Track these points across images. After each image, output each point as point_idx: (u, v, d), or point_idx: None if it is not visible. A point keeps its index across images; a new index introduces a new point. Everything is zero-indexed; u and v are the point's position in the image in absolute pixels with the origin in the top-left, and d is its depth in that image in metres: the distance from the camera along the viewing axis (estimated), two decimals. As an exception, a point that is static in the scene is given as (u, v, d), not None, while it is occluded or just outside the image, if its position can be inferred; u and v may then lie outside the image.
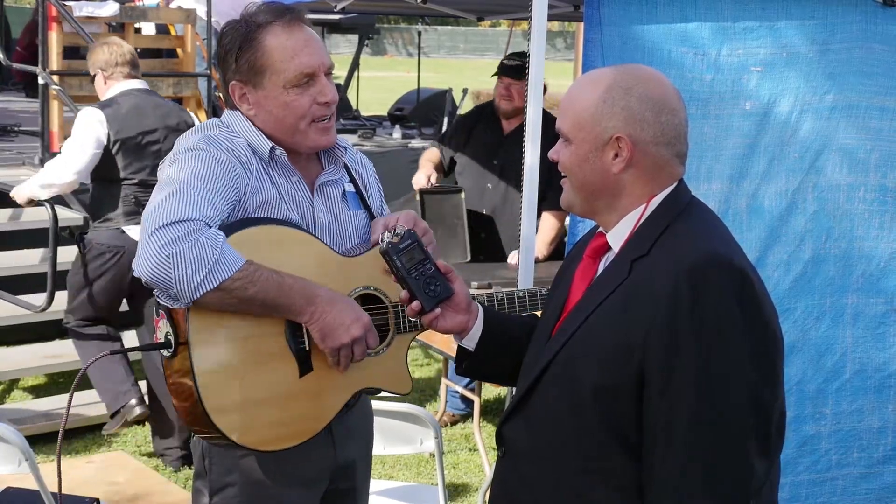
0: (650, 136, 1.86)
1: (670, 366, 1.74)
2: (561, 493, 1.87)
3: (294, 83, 2.21)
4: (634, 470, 1.79)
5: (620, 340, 1.79)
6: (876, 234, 3.56)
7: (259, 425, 2.18)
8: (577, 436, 1.84)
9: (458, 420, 5.45)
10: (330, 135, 2.29)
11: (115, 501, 4.31)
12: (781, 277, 3.48)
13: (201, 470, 2.31)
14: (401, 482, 4.00)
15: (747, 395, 1.74)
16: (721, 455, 1.73)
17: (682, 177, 1.94)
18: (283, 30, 2.21)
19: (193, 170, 2.12)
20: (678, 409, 1.73)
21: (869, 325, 3.58)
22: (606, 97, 1.87)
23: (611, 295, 1.84)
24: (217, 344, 2.13)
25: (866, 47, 3.48)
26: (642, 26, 3.35)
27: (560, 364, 1.88)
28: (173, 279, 2.01)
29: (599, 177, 1.89)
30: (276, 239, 2.20)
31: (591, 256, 1.98)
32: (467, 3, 6.13)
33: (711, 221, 1.92)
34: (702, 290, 1.74)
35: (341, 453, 2.36)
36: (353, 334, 2.16)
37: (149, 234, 2.03)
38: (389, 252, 2.08)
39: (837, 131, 3.49)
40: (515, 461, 1.98)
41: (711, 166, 3.39)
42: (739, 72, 3.42)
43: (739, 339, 1.74)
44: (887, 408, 3.61)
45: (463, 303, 2.14)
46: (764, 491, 1.81)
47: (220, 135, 2.23)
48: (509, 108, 5.05)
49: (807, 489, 3.55)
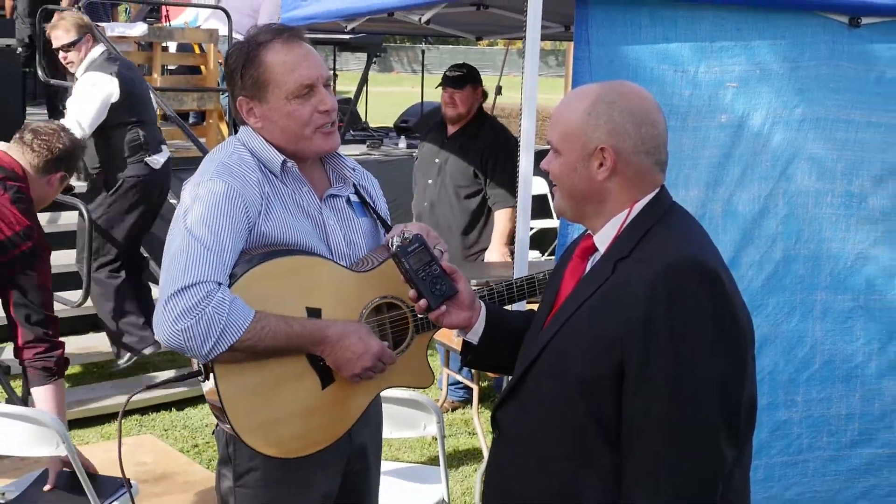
0: (631, 145, 1.87)
1: (646, 359, 1.74)
2: (546, 474, 1.88)
3: (295, 94, 2.20)
4: (613, 456, 1.80)
5: (603, 334, 1.80)
6: (843, 236, 3.56)
7: (287, 439, 2.18)
8: (561, 422, 1.85)
9: (458, 406, 5.46)
10: (333, 139, 2.29)
11: (144, 480, 4.32)
12: (755, 276, 3.49)
13: (225, 456, 2.31)
14: (406, 463, 4.00)
15: (716, 388, 1.74)
16: (691, 443, 1.73)
17: (662, 183, 1.95)
18: (282, 46, 2.21)
19: (205, 220, 2.11)
20: (652, 399, 1.74)
21: (837, 320, 3.58)
22: (591, 111, 1.88)
23: (595, 292, 1.85)
24: (241, 369, 2.12)
25: (833, 65, 3.48)
26: (627, 46, 3.35)
27: (549, 355, 1.89)
28: (186, 348, 2.04)
29: (586, 185, 1.91)
30: (292, 268, 2.18)
31: (580, 256, 2.00)
32: (466, 24, 6.13)
33: (689, 225, 1.93)
34: (676, 290, 1.74)
35: (356, 438, 2.36)
36: (364, 365, 2.17)
37: (164, 301, 2.04)
38: (399, 255, 2.12)
39: (806, 142, 3.49)
40: (507, 443, 1.98)
41: (689, 174, 3.39)
42: (716, 87, 3.42)
43: (710, 336, 1.74)
44: (854, 396, 3.61)
45: (467, 300, 2.16)
46: (735, 474, 1.82)
47: (231, 158, 2.22)
48: (453, 114, 5.14)
49: (780, 470, 3.55)
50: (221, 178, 2.17)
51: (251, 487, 2.27)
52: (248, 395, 2.14)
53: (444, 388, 5.47)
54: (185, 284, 2.03)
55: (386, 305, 2.30)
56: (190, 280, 2.04)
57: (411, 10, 4.74)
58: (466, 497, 4.38)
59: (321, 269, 2.22)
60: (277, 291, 2.15)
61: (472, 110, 5.16)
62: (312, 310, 2.19)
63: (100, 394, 5.32)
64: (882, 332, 3.60)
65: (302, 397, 2.19)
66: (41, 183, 3.51)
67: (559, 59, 33.14)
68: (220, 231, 2.11)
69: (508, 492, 1.96)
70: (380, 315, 2.30)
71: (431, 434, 3.27)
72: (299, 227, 2.23)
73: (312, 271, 2.21)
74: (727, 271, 1.84)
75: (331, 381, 2.21)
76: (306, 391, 2.20)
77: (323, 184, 2.36)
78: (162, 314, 2.05)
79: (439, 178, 5.19)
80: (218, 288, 2.05)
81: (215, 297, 2.03)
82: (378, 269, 2.28)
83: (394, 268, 2.16)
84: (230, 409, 2.12)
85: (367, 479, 2.48)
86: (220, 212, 2.12)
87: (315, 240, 2.25)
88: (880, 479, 3.65)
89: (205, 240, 2.08)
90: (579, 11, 3.33)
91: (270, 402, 2.16)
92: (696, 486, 1.74)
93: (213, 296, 2.03)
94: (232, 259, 2.12)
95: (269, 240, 2.19)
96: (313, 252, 2.23)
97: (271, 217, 2.20)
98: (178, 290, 2.03)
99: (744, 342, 1.80)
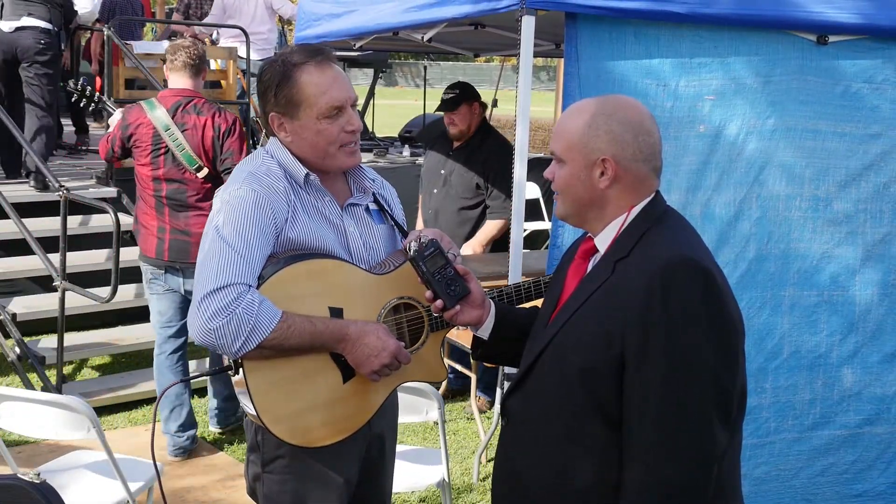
0: (630, 154, 1.87)
1: (644, 351, 1.74)
2: (549, 457, 1.88)
3: (325, 115, 2.20)
4: (611, 440, 1.80)
5: (603, 329, 1.79)
6: (810, 236, 3.56)
7: (311, 428, 2.18)
8: (564, 409, 1.85)
9: (457, 394, 5.44)
10: (356, 156, 2.29)
11: (169, 463, 4.32)
12: (730, 273, 3.48)
13: (254, 444, 2.31)
14: (410, 446, 4.00)
15: (709, 375, 1.74)
16: (687, 426, 1.73)
17: (658, 188, 1.94)
18: (315, 68, 2.20)
19: (235, 225, 2.11)
20: (650, 387, 1.74)
21: (803, 314, 3.58)
22: (592, 122, 1.88)
23: (596, 291, 1.85)
24: (269, 365, 2.12)
25: (802, 79, 3.48)
26: (613, 62, 3.35)
27: (553, 348, 1.89)
28: (218, 346, 2.04)
29: (589, 192, 1.90)
30: (316, 270, 2.18)
31: (582, 257, 2.00)
32: (465, 42, 6.12)
33: (683, 228, 1.92)
34: (671, 286, 1.74)
35: (375, 427, 2.36)
36: (382, 362, 2.16)
37: (198, 301, 2.04)
38: (416, 259, 2.13)
39: (778, 150, 3.49)
40: (515, 429, 1.98)
41: (671, 180, 3.39)
42: (695, 100, 3.42)
43: (702, 327, 1.74)
44: (817, 383, 3.62)
45: (478, 300, 2.16)
46: (727, 459, 1.82)
47: (260, 169, 2.22)
48: (455, 132, 5.15)
49: (750, 451, 3.55)
50: (250, 187, 2.16)
51: (278, 473, 2.27)
52: (275, 389, 2.13)
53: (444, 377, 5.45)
54: (217, 286, 2.03)
55: (403, 306, 2.29)
56: (222, 282, 2.03)
57: (415, 29, 4.73)
58: (465, 477, 4.37)
59: (343, 271, 2.21)
60: (302, 292, 2.14)
61: (473, 126, 5.13)
62: (335, 309, 2.18)
63: (128, 382, 5.32)
64: (843, 325, 3.61)
65: (325, 391, 2.19)
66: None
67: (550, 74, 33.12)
68: (250, 236, 2.10)
69: (515, 475, 1.96)
70: (397, 315, 2.29)
71: (433, 419, 3.27)
72: (322, 234, 2.22)
73: (335, 274, 2.20)
74: (718, 269, 1.84)
75: (352, 375, 2.21)
76: (329, 385, 2.19)
77: (344, 193, 2.35)
78: (196, 314, 2.04)
79: (444, 189, 5.17)
80: (248, 290, 2.05)
81: (245, 299, 2.03)
82: (396, 271, 2.27)
83: (410, 271, 2.17)
84: (258, 401, 2.11)
85: (384, 464, 2.47)
86: (249, 218, 2.12)
87: (337, 245, 2.24)
88: (837, 458, 3.66)
89: (235, 244, 2.08)
90: (569, 30, 3.33)
91: (296, 395, 2.15)
92: (690, 464, 1.73)
93: (243, 297, 2.03)
94: (260, 262, 2.11)
95: (294, 245, 2.19)
96: (336, 256, 2.23)
97: (297, 224, 2.19)
98: (211, 292, 2.03)
99: (735, 333, 1.80)
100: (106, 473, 3.12)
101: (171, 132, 4.32)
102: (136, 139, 4.41)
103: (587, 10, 3.29)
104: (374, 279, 2.25)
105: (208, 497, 4.07)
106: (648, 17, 3.33)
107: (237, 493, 4.08)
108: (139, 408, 5.08)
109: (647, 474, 1.73)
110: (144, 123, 4.38)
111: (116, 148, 4.50)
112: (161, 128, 4.33)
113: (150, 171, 4.39)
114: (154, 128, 4.35)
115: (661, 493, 1.72)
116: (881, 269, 3.62)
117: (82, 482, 3.17)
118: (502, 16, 3.75)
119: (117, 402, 5.09)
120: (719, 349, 1.75)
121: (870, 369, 3.64)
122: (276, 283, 2.10)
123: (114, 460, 3.00)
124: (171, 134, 4.32)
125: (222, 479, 4.23)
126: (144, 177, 4.42)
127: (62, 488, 2.73)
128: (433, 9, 3.96)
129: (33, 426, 3.14)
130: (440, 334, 2.35)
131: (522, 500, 1.93)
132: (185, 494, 4.07)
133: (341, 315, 2.19)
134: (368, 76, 12.76)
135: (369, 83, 11.43)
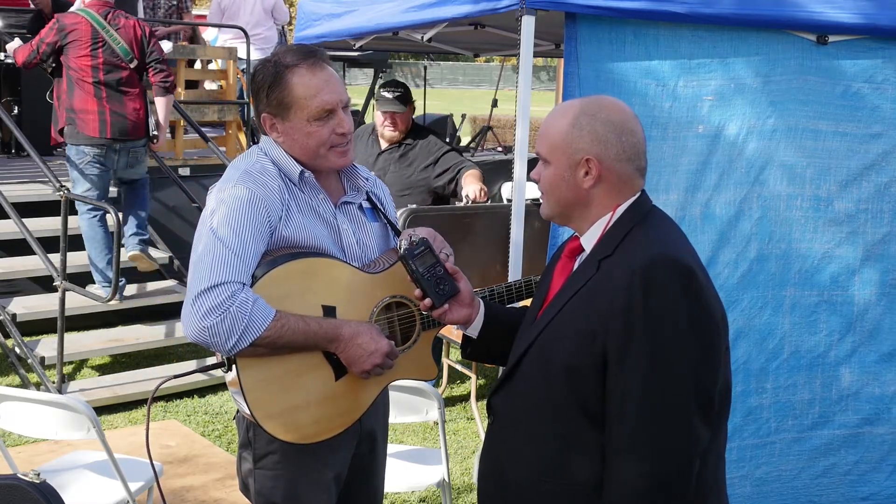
0: (614, 154, 1.88)
1: (625, 348, 1.75)
2: (534, 453, 1.88)
3: (316, 117, 2.20)
4: (594, 436, 1.80)
5: (586, 327, 1.80)
6: (811, 236, 3.56)
7: (303, 425, 2.18)
8: (548, 406, 1.86)
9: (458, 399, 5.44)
10: (347, 157, 2.28)
11: (168, 462, 4.32)
12: (730, 274, 3.48)
13: (246, 440, 2.31)
14: (410, 446, 3.99)
15: (689, 372, 1.75)
16: (667, 422, 1.74)
17: (643, 188, 1.95)
18: (307, 70, 2.20)
19: (229, 223, 2.10)
20: (631, 383, 1.74)
21: (803, 314, 3.58)
22: (575, 123, 1.89)
23: (581, 289, 1.86)
24: (261, 362, 2.12)
25: (802, 79, 3.47)
26: (613, 62, 3.35)
27: (539, 346, 1.90)
28: (211, 344, 2.04)
29: (574, 192, 1.91)
30: (310, 269, 2.18)
31: (568, 256, 2.00)
32: (465, 41, 6.12)
33: (667, 227, 1.93)
34: (652, 283, 1.75)
35: (366, 424, 2.36)
36: (373, 362, 2.17)
37: (192, 298, 2.04)
38: (406, 257, 2.13)
39: (778, 150, 3.48)
40: (500, 426, 1.99)
41: (670, 180, 3.39)
42: (694, 100, 3.41)
43: (683, 323, 1.75)
44: (816, 383, 3.62)
45: (467, 299, 2.16)
46: (710, 456, 1.82)
47: (255, 167, 2.21)
48: (395, 133, 4.99)
49: (750, 451, 3.55)
50: (245, 185, 2.16)
51: (269, 469, 2.27)
52: (268, 386, 2.13)
53: (445, 377, 5.46)
54: (210, 284, 2.03)
55: (395, 304, 2.29)
56: (215, 280, 2.03)
57: (414, 29, 4.73)
58: (465, 477, 4.37)
59: (336, 270, 2.21)
60: (296, 290, 2.14)
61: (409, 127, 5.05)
62: (328, 307, 2.19)
63: (128, 381, 5.31)
64: (842, 325, 3.61)
65: (317, 388, 2.19)
66: None
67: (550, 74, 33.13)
68: (244, 234, 2.10)
69: (501, 471, 1.96)
70: (389, 313, 2.29)
71: (433, 419, 3.27)
72: (316, 232, 2.22)
73: (328, 272, 2.20)
74: (701, 267, 1.84)
75: (344, 373, 2.21)
76: (321, 382, 2.19)
77: (338, 191, 2.35)
78: (189, 311, 2.04)
79: None
80: (241, 288, 2.05)
81: (239, 297, 2.03)
82: (388, 270, 2.28)
83: (402, 269, 2.17)
84: (251, 397, 2.11)
85: (375, 461, 2.47)
86: (244, 216, 2.12)
87: (330, 243, 2.24)
88: (839, 458, 3.66)
89: (229, 242, 2.08)
90: (569, 30, 3.33)
91: (288, 393, 2.15)
92: (671, 460, 1.74)
93: (236, 296, 2.03)
94: (254, 260, 2.11)
95: (288, 242, 2.18)
96: (329, 254, 2.23)
97: (291, 222, 2.19)
98: (205, 290, 2.03)
99: (716, 330, 1.80)
100: (106, 473, 3.12)
101: (107, 30, 5.43)
102: (74, 37, 5.41)
103: (587, 10, 3.28)
104: (366, 278, 2.26)
105: (208, 496, 4.06)
106: (648, 17, 3.32)
107: (237, 492, 4.06)
108: (139, 408, 5.08)
109: (628, 470, 1.74)
110: (82, 22, 5.44)
111: (43, 49, 5.45)
112: (98, 26, 5.43)
113: (89, 61, 5.41)
114: (92, 25, 5.43)
115: (642, 489, 1.73)
116: (880, 269, 3.62)
117: (82, 482, 3.17)
118: (502, 16, 3.75)
119: (117, 402, 5.09)
120: (700, 344, 1.76)
121: (867, 369, 3.64)
122: (269, 282, 2.10)
123: (114, 460, 3.00)
124: (107, 31, 5.43)
125: (221, 477, 4.23)
126: (83, 66, 5.41)
127: (62, 488, 2.72)
128: (433, 9, 3.96)
129: (33, 426, 3.13)
130: (432, 333, 2.35)
131: (507, 496, 1.93)
132: (184, 493, 4.07)
133: (334, 313, 2.19)
134: (368, 76, 12.77)
135: (369, 83, 11.42)
